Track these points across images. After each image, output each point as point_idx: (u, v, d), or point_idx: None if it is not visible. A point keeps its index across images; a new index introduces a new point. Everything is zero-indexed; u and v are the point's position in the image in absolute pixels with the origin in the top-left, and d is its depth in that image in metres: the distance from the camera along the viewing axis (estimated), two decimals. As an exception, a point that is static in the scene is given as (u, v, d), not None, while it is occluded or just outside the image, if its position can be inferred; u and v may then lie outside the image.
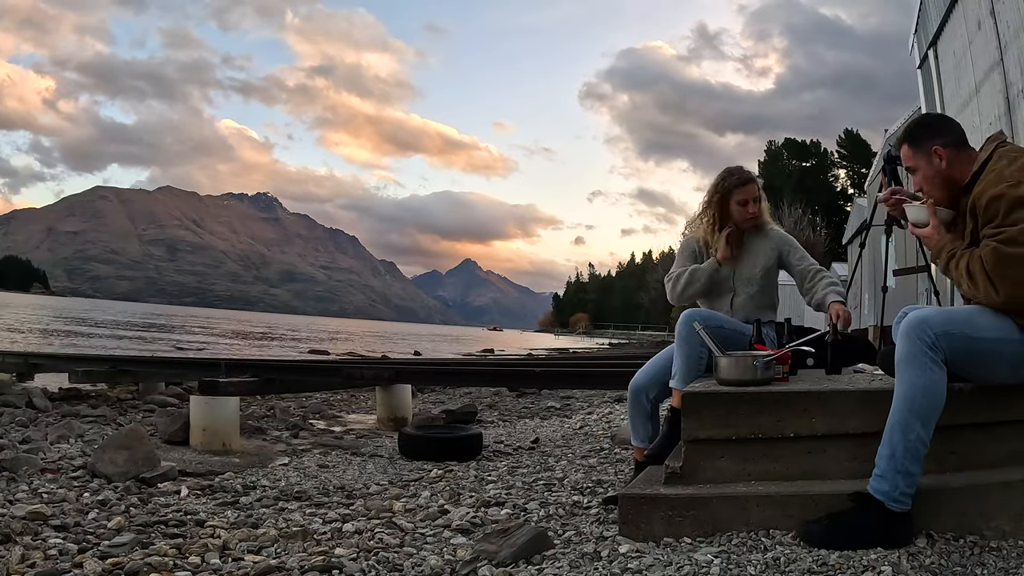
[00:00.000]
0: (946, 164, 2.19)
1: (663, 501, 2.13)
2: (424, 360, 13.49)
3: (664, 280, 3.16)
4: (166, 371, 7.77)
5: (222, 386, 5.11)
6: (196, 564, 2.25)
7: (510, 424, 6.83)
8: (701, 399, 2.26)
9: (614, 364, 8.90)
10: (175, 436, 4.97)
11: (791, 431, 2.19)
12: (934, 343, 1.94)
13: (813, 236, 43.35)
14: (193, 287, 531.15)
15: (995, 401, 2.11)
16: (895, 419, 1.94)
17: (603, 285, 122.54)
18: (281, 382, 6.11)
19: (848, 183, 56.09)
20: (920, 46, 7.38)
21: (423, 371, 7.28)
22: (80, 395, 7.29)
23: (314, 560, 2.22)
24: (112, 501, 3.12)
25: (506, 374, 6.69)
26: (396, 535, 2.53)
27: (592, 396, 9.04)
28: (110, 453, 3.66)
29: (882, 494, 1.92)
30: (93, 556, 2.30)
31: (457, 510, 2.88)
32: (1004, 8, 4.84)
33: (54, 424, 5.44)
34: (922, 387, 1.92)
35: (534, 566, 2.02)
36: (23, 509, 2.78)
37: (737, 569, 1.83)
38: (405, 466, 4.18)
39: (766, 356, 2.37)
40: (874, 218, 4.93)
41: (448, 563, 2.16)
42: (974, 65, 5.59)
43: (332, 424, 6.79)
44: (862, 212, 17.31)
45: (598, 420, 6.32)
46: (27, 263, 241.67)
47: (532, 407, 8.32)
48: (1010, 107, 4.82)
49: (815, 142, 59.51)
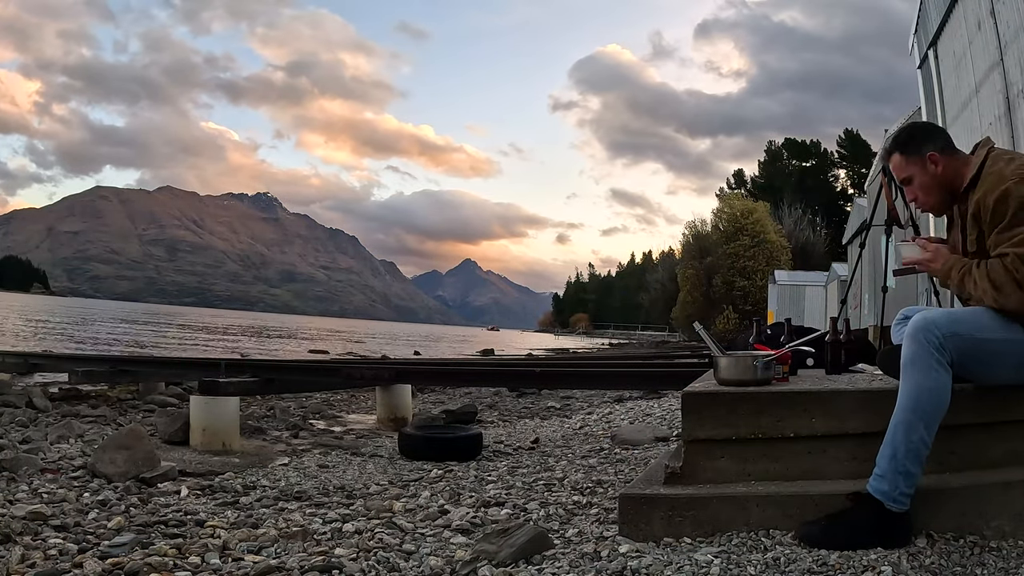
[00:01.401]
0: (942, 169, 2.19)
1: (663, 501, 2.13)
2: (424, 360, 13.50)
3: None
4: (166, 371, 7.77)
5: (222, 386, 5.11)
6: (196, 564, 2.25)
7: (510, 424, 6.83)
8: (701, 399, 2.25)
9: (614, 364, 8.91)
10: (175, 436, 4.97)
11: (791, 431, 2.19)
12: (941, 345, 1.93)
13: (813, 236, 43.44)
14: (193, 287, 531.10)
15: (995, 401, 2.11)
16: (898, 419, 1.94)
17: (603, 285, 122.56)
18: (281, 382, 6.11)
19: (848, 183, 56.19)
20: (920, 46, 7.38)
21: (423, 371, 7.28)
22: (80, 395, 7.28)
23: (314, 560, 2.22)
24: (112, 501, 3.12)
25: (506, 374, 6.68)
26: (396, 535, 2.53)
27: (592, 396, 9.04)
28: (110, 453, 3.66)
29: (882, 494, 1.92)
30: (93, 556, 2.30)
31: (457, 510, 2.88)
32: (1004, 8, 4.84)
33: (54, 424, 5.44)
34: (927, 389, 1.92)
35: (534, 566, 2.02)
36: (23, 509, 2.78)
37: (737, 569, 1.83)
38: (405, 466, 4.18)
39: (766, 356, 2.38)
40: (874, 218, 4.93)
41: (448, 563, 2.16)
42: (974, 65, 5.59)
43: (332, 424, 6.79)
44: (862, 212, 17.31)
45: (598, 420, 6.32)
46: (27, 263, 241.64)
47: (532, 407, 8.32)
48: (1010, 107, 4.82)
49: (815, 142, 59.62)
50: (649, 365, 7.84)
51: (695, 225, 41.70)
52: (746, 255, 37.73)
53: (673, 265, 45.30)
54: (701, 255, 39.39)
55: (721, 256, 38.14)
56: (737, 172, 64.03)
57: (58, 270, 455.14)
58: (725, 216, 39.81)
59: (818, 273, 28.37)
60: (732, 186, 60.91)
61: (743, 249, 37.88)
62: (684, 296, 39.72)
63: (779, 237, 39.01)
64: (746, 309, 35.21)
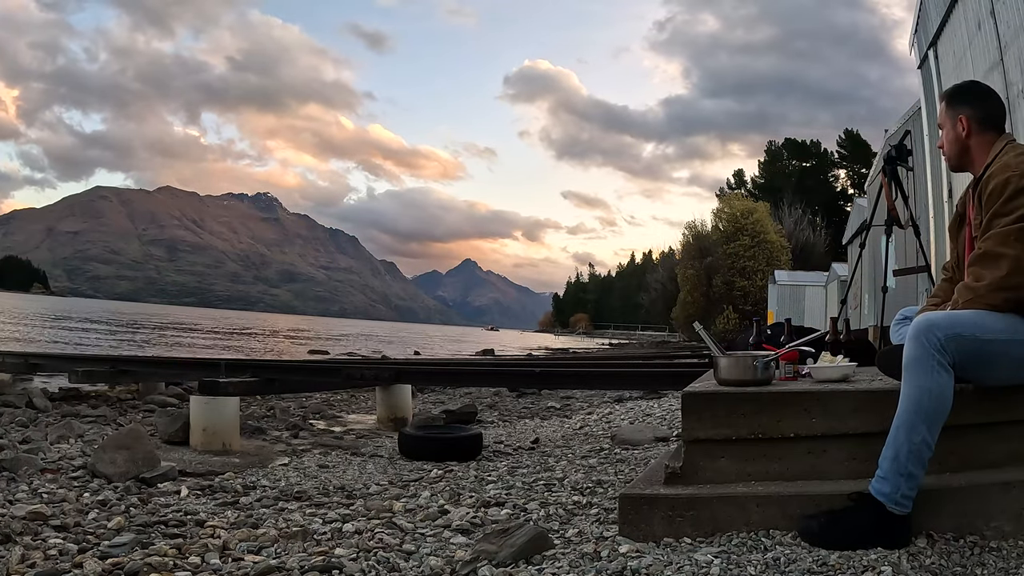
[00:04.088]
0: (967, 135, 2.25)
1: (663, 501, 2.13)
2: (424, 360, 13.50)
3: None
4: (166, 371, 7.77)
5: (222, 386, 5.11)
6: (196, 564, 2.25)
7: (510, 424, 6.83)
8: (701, 399, 2.25)
9: (614, 364, 8.91)
10: (175, 436, 4.97)
11: (791, 431, 2.19)
12: (942, 346, 1.93)
13: (813, 236, 43.42)
14: (193, 287, 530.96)
15: (996, 401, 2.11)
16: (900, 421, 1.94)
17: (603, 285, 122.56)
18: (281, 382, 6.11)
19: (848, 183, 56.19)
20: (920, 46, 7.37)
21: (423, 371, 7.27)
22: (80, 395, 7.29)
23: (314, 560, 2.22)
24: (112, 501, 3.12)
25: (506, 374, 6.68)
26: (396, 535, 2.53)
27: (592, 396, 9.04)
28: (110, 453, 3.66)
29: (883, 495, 1.92)
30: (93, 556, 2.30)
31: (457, 510, 2.87)
32: (1004, 8, 4.84)
33: (54, 424, 5.44)
34: (929, 390, 1.92)
35: (534, 566, 2.02)
36: (23, 509, 2.78)
37: (737, 569, 1.83)
38: (405, 466, 4.18)
39: (766, 356, 2.37)
40: (874, 218, 4.92)
41: (448, 563, 2.16)
42: (974, 65, 5.58)
43: (332, 424, 6.79)
44: (862, 212, 17.31)
45: (598, 420, 6.33)
46: (27, 263, 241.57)
47: (532, 407, 8.32)
48: (1010, 107, 4.82)
49: (815, 142, 59.61)
50: (649, 365, 7.84)
51: (695, 225, 41.72)
52: (746, 255, 37.72)
53: (673, 265, 45.27)
54: (701, 255, 39.38)
55: (721, 256, 38.13)
56: (737, 172, 64.11)
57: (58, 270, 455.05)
58: (725, 216, 39.80)
59: (818, 273, 28.37)
60: (732, 186, 60.94)
61: (743, 249, 37.87)
62: (684, 296, 39.71)
63: (779, 237, 39.01)
64: (746, 309, 35.19)
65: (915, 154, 5.19)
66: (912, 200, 4.79)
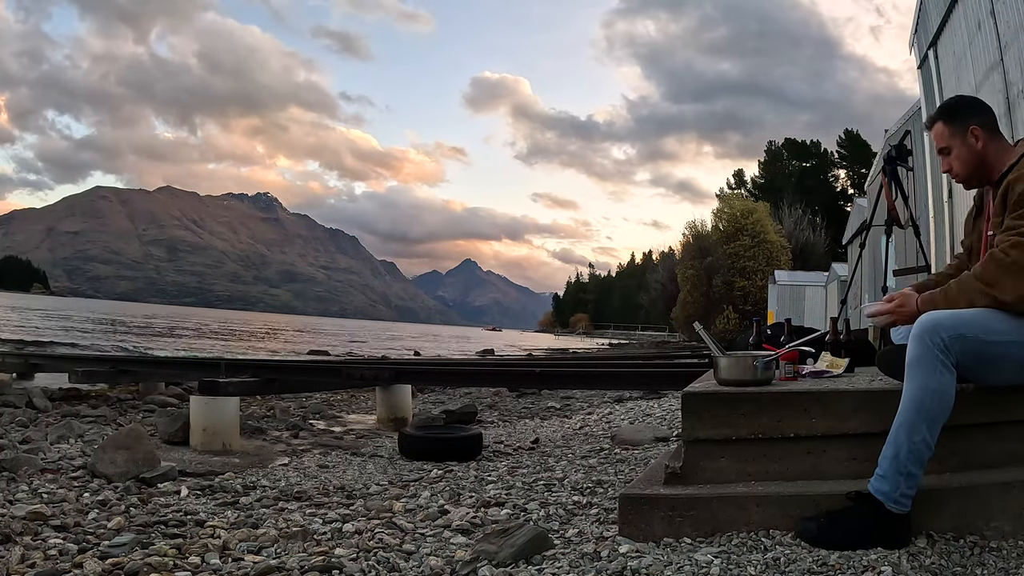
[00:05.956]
0: (982, 145, 2.19)
1: (663, 501, 2.13)
2: (424, 360, 13.50)
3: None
4: (166, 371, 7.78)
5: (222, 386, 5.12)
6: (196, 564, 2.25)
7: (510, 424, 6.83)
8: (701, 399, 2.25)
9: (614, 364, 8.90)
10: (175, 436, 4.97)
11: (791, 431, 2.18)
12: (946, 346, 1.93)
13: (813, 236, 43.41)
14: (193, 287, 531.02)
15: (996, 401, 2.11)
16: (901, 420, 1.93)
17: (603, 285, 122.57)
18: (281, 382, 6.11)
19: (848, 183, 56.15)
20: (920, 46, 7.37)
21: (423, 371, 7.28)
22: (80, 395, 7.29)
23: (314, 560, 2.22)
24: (112, 501, 3.12)
25: (506, 374, 6.69)
26: (396, 535, 2.53)
27: (592, 396, 9.04)
28: (110, 453, 3.66)
29: (883, 494, 1.92)
30: (93, 556, 2.30)
31: (457, 510, 2.87)
32: (1004, 8, 4.84)
33: (54, 424, 5.45)
34: (931, 390, 1.91)
35: (534, 566, 2.02)
36: (23, 509, 2.78)
37: (737, 569, 1.83)
38: (405, 466, 4.18)
39: (766, 356, 2.37)
40: (874, 218, 4.93)
41: (448, 563, 2.16)
42: (974, 65, 5.59)
43: (332, 424, 6.79)
44: (862, 212, 17.31)
45: (598, 420, 6.32)
46: (27, 263, 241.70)
47: (532, 407, 8.32)
48: (1010, 107, 4.82)
49: (815, 142, 59.59)
50: (649, 365, 7.83)
51: (695, 225, 41.71)
52: (746, 255, 37.71)
53: (673, 265, 45.26)
54: (701, 255, 39.36)
55: (721, 256, 38.11)
56: (737, 172, 64.05)
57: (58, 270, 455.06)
58: (725, 216, 39.79)
59: (818, 273, 28.36)
60: (732, 186, 60.94)
61: (743, 249, 37.86)
62: (684, 296, 39.70)
63: (779, 237, 38.99)
64: (746, 309, 35.18)
65: (915, 154, 5.19)
66: (912, 200, 4.78)
